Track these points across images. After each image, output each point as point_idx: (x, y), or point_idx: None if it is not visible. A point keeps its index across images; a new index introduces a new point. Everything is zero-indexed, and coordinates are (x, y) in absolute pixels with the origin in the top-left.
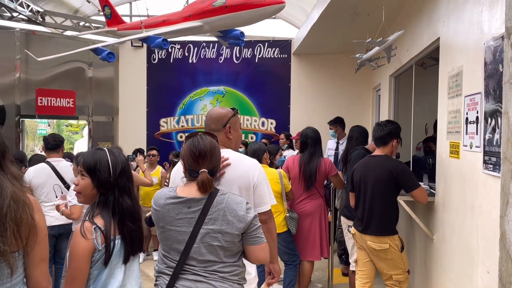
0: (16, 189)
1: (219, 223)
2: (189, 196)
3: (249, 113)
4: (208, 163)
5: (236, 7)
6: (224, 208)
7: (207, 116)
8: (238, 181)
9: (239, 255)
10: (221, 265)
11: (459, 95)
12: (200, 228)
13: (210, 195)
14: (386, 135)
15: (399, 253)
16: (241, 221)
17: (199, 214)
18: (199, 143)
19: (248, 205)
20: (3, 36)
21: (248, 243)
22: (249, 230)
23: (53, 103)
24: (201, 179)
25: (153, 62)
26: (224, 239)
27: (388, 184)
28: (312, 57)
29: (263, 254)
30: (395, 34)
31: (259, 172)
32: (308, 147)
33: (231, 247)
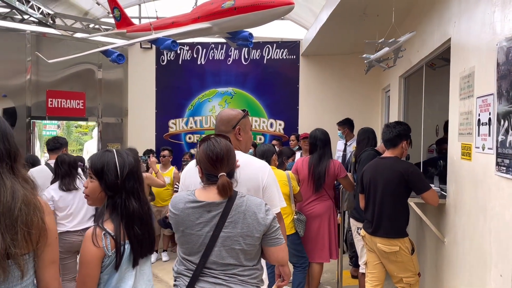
0: (27, 192)
1: (239, 226)
2: (208, 200)
3: (257, 114)
4: (226, 166)
5: (245, 9)
6: (244, 211)
7: (217, 118)
8: (247, 183)
9: (258, 258)
10: (241, 269)
11: (471, 96)
12: (221, 231)
13: (229, 198)
14: (395, 137)
15: (410, 255)
16: (261, 224)
17: (219, 217)
18: (215, 147)
19: (267, 207)
20: (14, 38)
21: (268, 245)
22: (269, 231)
23: (63, 105)
24: (221, 183)
25: (162, 64)
26: (245, 242)
27: (398, 186)
28: (320, 58)
29: (283, 254)
30: (406, 35)
31: (269, 174)
32: (318, 148)
33: (251, 249)
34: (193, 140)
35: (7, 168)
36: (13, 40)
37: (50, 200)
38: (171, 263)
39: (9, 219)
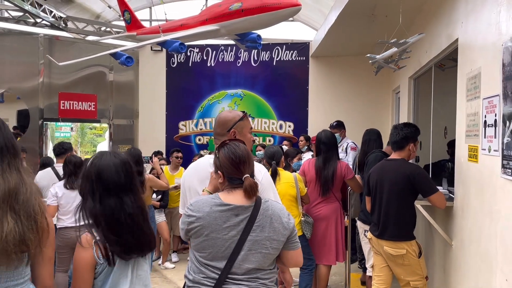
0: (34, 186)
1: (267, 230)
2: (237, 204)
3: (267, 116)
4: (248, 168)
5: (253, 11)
6: (270, 215)
7: (215, 119)
8: (266, 186)
9: (274, 260)
10: (263, 272)
11: (477, 97)
12: (248, 235)
13: (256, 203)
14: (401, 140)
15: (417, 258)
16: (286, 228)
17: (247, 221)
18: (236, 151)
19: (287, 211)
20: (27, 41)
21: (288, 248)
22: (292, 235)
23: (75, 107)
24: (248, 184)
25: (172, 66)
26: (271, 246)
27: (405, 189)
28: (330, 60)
29: (300, 258)
30: (415, 36)
31: (264, 176)
32: (322, 152)
33: (275, 253)
34: (203, 142)
35: (20, 163)
36: (26, 43)
37: (54, 196)
38: (180, 264)
39: (27, 210)
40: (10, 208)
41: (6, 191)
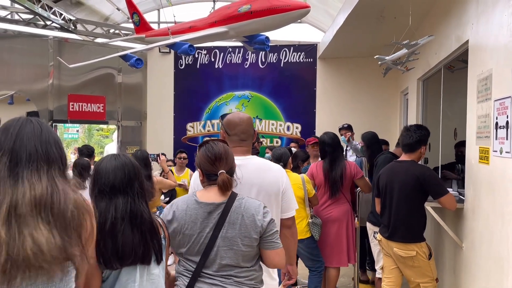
0: (76, 195)
1: (237, 227)
2: (208, 201)
3: (274, 118)
4: (225, 164)
5: (261, 12)
6: (242, 212)
7: (240, 120)
8: (267, 187)
9: (256, 259)
10: (238, 270)
11: (488, 99)
12: (220, 232)
13: (229, 200)
14: (415, 143)
15: (427, 260)
16: (257, 225)
17: (219, 218)
18: (213, 148)
19: (265, 209)
20: (37, 43)
21: (265, 247)
22: (266, 234)
23: (84, 108)
24: (221, 179)
25: (180, 68)
26: (243, 243)
27: (415, 190)
28: (338, 61)
29: (278, 258)
30: (426, 38)
31: (287, 178)
32: (327, 154)
33: (249, 250)
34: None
35: (59, 172)
36: (36, 45)
37: None
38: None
39: (63, 221)
40: (41, 218)
41: (32, 199)
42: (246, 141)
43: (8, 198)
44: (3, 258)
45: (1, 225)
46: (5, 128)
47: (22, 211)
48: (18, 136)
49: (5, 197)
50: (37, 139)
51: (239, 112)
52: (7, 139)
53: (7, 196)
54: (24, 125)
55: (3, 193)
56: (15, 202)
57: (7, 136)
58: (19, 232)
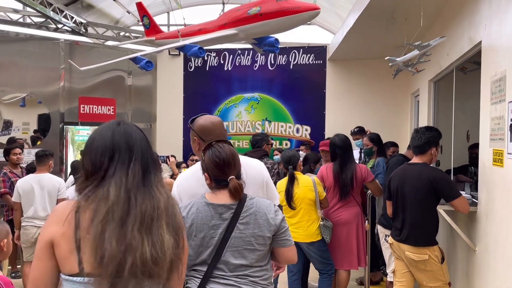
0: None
1: (251, 227)
2: (220, 202)
3: (283, 120)
4: (233, 169)
5: (271, 15)
6: (255, 212)
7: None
8: (253, 181)
9: (268, 258)
10: (252, 270)
11: (502, 100)
12: (232, 232)
13: (240, 201)
14: (424, 144)
15: (439, 264)
16: (271, 224)
17: (231, 219)
18: (220, 153)
19: (275, 207)
20: (49, 46)
21: (278, 245)
22: (279, 232)
23: (94, 111)
24: (233, 186)
25: (190, 70)
26: (257, 242)
27: (427, 193)
28: (347, 63)
29: (292, 254)
30: (437, 39)
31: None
32: (337, 156)
33: (263, 250)
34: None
35: (156, 177)
36: (47, 48)
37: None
38: None
39: (175, 225)
40: (167, 225)
41: (161, 206)
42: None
43: (143, 206)
44: (129, 265)
45: (136, 230)
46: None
47: (153, 219)
48: (142, 143)
49: (144, 203)
50: (149, 146)
51: (210, 116)
52: (134, 145)
53: (146, 202)
54: (132, 131)
55: (140, 200)
56: (146, 210)
57: (131, 142)
58: (154, 238)
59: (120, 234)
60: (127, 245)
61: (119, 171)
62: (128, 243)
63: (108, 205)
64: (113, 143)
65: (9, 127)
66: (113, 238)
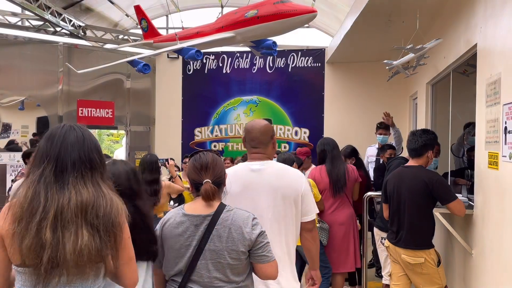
0: (115, 197)
1: (224, 240)
2: (195, 213)
3: (282, 122)
4: (211, 174)
5: (268, 17)
6: (229, 225)
7: (252, 129)
8: (283, 190)
9: (247, 273)
10: (228, 286)
11: (497, 103)
12: (206, 244)
13: (216, 212)
14: (421, 147)
15: (436, 267)
16: (246, 238)
17: (205, 230)
18: (200, 158)
19: (254, 221)
20: (47, 50)
21: (256, 261)
22: (255, 247)
23: (93, 114)
24: (204, 188)
25: (188, 73)
26: (230, 256)
27: (423, 196)
28: (346, 66)
29: (271, 270)
30: (432, 42)
31: (306, 183)
32: (327, 153)
33: (237, 264)
34: (218, 148)
35: (101, 176)
36: (46, 51)
37: None
38: None
39: (107, 223)
40: (86, 222)
41: (77, 204)
42: (258, 148)
43: (55, 203)
44: (46, 259)
45: (48, 228)
46: (50, 136)
47: (67, 216)
48: (63, 145)
49: (53, 202)
50: (80, 147)
51: (257, 120)
52: (52, 147)
53: (54, 201)
54: (68, 133)
55: (51, 199)
56: (61, 207)
57: (53, 144)
58: (63, 236)
59: (32, 231)
60: (39, 241)
61: (32, 173)
62: (41, 239)
63: (19, 204)
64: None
65: (8, 130)
66: (27, 235)
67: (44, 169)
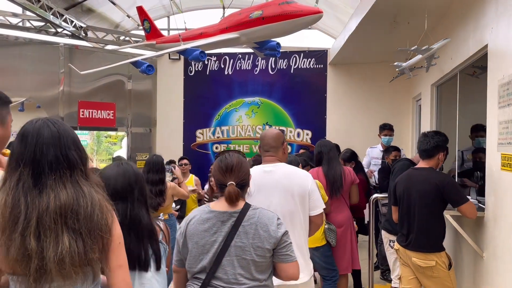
0: (99, 196)
1: (251, 237)
2: (221, 210)
3: (284, 124)
4: (235, 176)
5: (273, 18)
6: (256, 222)
7: (265, 136)
8: (292, 188)
9: (269, 272)
10: (252, 284)
11: (510, 104)
12: (232, 241)
13: (242, 209)
14: (433, 148)
15: (447, 270)
16: (272, 236)
17: (232, 227)
18: (226, 159)
19: (279, 221)
20: (48, 51)
21: (279, 260)
22: (280, 246)
23: (94, 115)
24: (227, 191)
25: (190, 74)
26: (256, 253)
27: (434, 199)
28: (349, 67)
29: (293, 270)
30: (440, 42)
31: (312, 182)
32: (324, 155)
33: (262, 261)
34: (220, 150)
35: (81, 174)
36: (47, 52)
37: None
38: None
39: (90, 225)
40: (66, 227)
41: (56, 209)
42: (270, 152)
43: (36, 209)
44: (33, 269)
45: (32, 237)
46: (23, 136)
47: (46, 222)
48: (38, 145)
49: (34, 208)
50: (56, 145)
51: (270, 129)
52: (27, 149)
53: (35, 207)
54: (42, 131)
55: (31, 205)
56: (41, 213)
57: (27, 146)
58: (46, 243)
59: (17, 241)
60: (25, 251)
61: (9, 178)
62: (26, 249)
63: (0, 213)
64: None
65: None
66: (12, 245)
67: (21, 174)
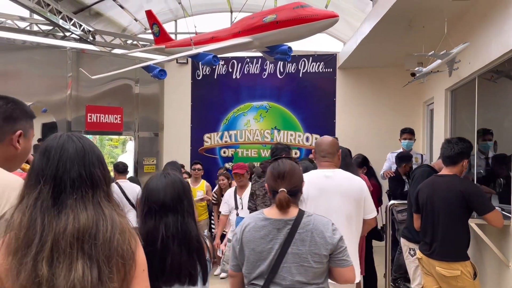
0: (122, 219)
1: (307, 244)
2: (276, 217)
3: (293, 128)
4: (287, 183)
5: (288, 22)
6: (311, 229)
7: (322, 142)
8: (353, 193)
9: (325, 275)
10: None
11: None
12: (288, 248)
13: (296, 217)
14: (457, 155)
15: (472, 280)
16: (328, 242)
17: (287, 234)
18: (279, 166)
19: (333, 227)
20: (56, 54)
21: (336, 265)
22: (336, 251)
23: (101, 119)
24: (278, 198)
25: (198, 78)
26: (313, 260)
27: (459, 206)
28: (359, 71)
29: (350, 274)
30: (460, 46)
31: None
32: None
33: (320, 267)
34: (228, 154)
35: (104, 195)
36: (55, 56)
37: None
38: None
39: (108, 252)
40: (82, 253)
41: (73, 232)
42: (327, 158)
43: (52, 232)
44: None
45: (44, 262)
46: (45, 150)
47: (61, 246)
48: (61, 161)
49: (50, 230)
50: (81, 161)
51: (325, 136)
52: (49, 164)
53: (51, 230)
54: (66, 146)
55: (48, 227)
56: (57, 236)
57: (49, 161)
58: (58, 269)
59: (28, 266)
60: (35, 277)
61: (27, 195)
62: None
63: (14, 234)
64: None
65: None
66: (22, 270)
67: (40, 191)
